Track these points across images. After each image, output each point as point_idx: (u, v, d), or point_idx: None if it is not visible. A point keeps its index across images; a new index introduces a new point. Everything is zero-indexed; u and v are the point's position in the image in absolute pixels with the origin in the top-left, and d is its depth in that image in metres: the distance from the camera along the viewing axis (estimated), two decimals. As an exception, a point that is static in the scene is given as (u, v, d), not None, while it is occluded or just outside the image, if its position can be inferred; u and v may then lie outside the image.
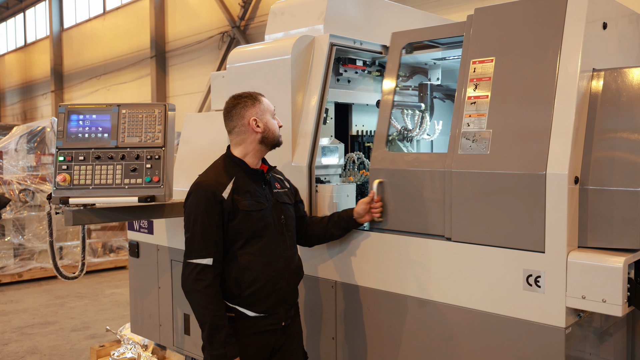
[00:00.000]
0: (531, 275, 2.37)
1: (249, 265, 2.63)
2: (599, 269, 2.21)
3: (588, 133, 2.38)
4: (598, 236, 2.33)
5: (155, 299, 4.29)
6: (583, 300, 2.25)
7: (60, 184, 3.35)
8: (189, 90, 14.56)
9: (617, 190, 2.27)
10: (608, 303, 2.20)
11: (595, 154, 2.35)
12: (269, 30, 3.77)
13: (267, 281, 2.65)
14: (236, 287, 2.64)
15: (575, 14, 2.37)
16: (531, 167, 2.34)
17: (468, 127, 2.57)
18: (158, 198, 3.37)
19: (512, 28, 2.54)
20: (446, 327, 2.65)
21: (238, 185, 2.67)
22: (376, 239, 2.92)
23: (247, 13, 12.72)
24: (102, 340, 6.01)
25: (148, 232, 4.30)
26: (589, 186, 2.34)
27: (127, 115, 3.45)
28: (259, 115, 2.75)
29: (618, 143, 2.31)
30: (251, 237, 2.65)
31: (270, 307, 2.68)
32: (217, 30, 13.59)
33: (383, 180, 2.88)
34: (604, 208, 2.31)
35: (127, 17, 18.02)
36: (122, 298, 7.78)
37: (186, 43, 14.56)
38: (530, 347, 2.38)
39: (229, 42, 13.16)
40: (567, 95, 2.31)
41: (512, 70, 2.50)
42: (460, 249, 2.57)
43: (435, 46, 3.25)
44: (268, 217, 2.69)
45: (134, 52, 17.27)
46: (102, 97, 19.44)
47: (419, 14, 4.08)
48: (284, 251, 2.73)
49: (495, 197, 2.45)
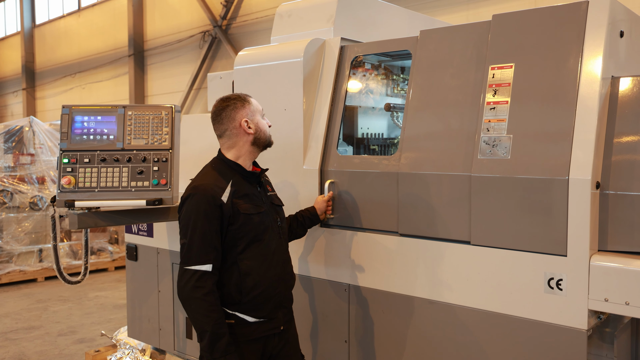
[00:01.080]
0: (553, 279, 2.41)
1: (250, 270, 2.58)
2: (622, 272, 2.26)
3: (607, 139, 2.43)
4: (618, 240, 2.38)
5: (154, 303, 4.24)
6: (605, 303, 2.30)
7: (64, 186, 3.29)
8: (169, 90, 14.40)
9: (638, 195, 2.32)
10: (631, 305, 2.25)
11: (614, 159, 2.40)
12: (275, 33, 3.75)
13: (268, 286, 2.62)
14: (237, 293, 2.57)
15: (596, 22, 2.41)
16: (554, 173, 2.38)
17: (487, 132, 2.60)
18: (165, 201, 3.33)
19: (531, 35, 2.58)
20: (467, 330, 2.68)
21: (236, 188, 2.62)
22: (393, 242, 2.93)
23: (229, 12, 12.63)
24: (92, 344, 5.91)
25: (148, 235, 4.24)
26: (610, 191, 2.39)
27: (133, 116, 3.40)
28: (250, 117, 2.71)
29: (638, 148, 2.36)
30: (252, 241, 2.60)
31: (270, 311, 2.65)
32: (198, 29, 13.46)
33: (334, 180, 3.15)
34: (624, 212, 2.36)
35: (103, 14, 17.72)
36: (107, 301, 7.65)
37: (166, 42, 14.39)
38: (552, 350, 2.42)
39: (211, 42, 13.05)
40: (590, 102, 2.36)
41: (532, 76, 2.53)
42: (481, 252, 2.60)
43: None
44: (267, 220, 2.67)
45: (110, 50, 16.99)
46: (77, 95, 19.08)
47: (420, 18, 4.11)
48: (282, 254, 2.73)
49: (516, 202, 2.48)
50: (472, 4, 8.80)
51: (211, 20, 13.05)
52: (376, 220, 3.01)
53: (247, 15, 12.29)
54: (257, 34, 12.07)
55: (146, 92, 15.51)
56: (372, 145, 3.78)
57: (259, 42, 12.07)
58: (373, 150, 3.78)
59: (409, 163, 2.85)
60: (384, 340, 3.01)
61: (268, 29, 11.95)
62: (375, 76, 3.74)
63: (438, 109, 2.82)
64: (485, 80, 2.66)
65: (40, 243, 9.20)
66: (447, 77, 2.82)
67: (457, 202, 2.68)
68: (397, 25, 3.88)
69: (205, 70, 13.49)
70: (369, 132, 3.84)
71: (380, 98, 3.86)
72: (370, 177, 3.02)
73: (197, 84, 13.67)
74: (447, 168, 2.72)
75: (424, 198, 2.80)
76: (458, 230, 2.69)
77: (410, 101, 2.92)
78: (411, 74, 2.96)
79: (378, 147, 3.82)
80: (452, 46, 2.85)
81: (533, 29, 2.58)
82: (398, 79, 3.86)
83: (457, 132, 2.73)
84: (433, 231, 2.77)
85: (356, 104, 3.71)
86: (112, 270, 9.58)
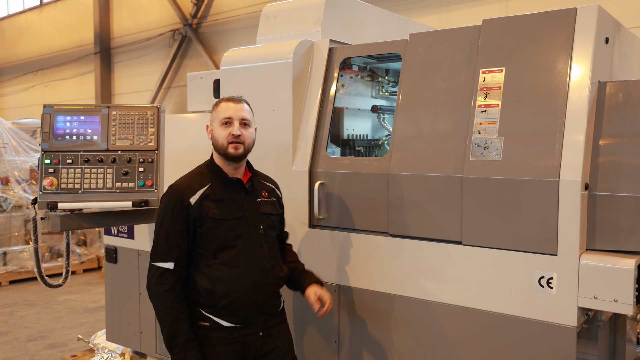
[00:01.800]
0: (543, 277, 2.47)
1: (222, 277, 2.56)
2: (611, 270, 2.34)
3: (595, 141, 2.51)
4: (606, 239, 2.46)
5: (135, 306, 4.17)
6: (595, 300, 2.37)
7: (47, 187, 3.22)
8: (137, 89, 14.17)
9: (625, 196, 2.41)
10: (619, 302, 2.33)
11: (602, 161, 2.48)
12: (261, 33, 3.74)
13: (242, 293, 2.56)
14: (209, 297, 2.56)
15: (585, 28, 2.49)
16: (545, 174, 2.44)
17: (479, 134, 2.65)
18: (152, 202, 3.29)
19: (521, 40, 2.64)
20: (458, 328, 2.73)
21: (212, 192, 2.60)
22: (383, 243, 2.96)
23: (200, 11, 12.51)
24: (64, 349, 5.77)
25: (128, 237, 4.18)
26: (597, 192, 2.47)
27: (118, 117, 3.35)
28: (211, 122, 2.69)
29: (625, 150, 2.45)
30: (222, 247, 2.57)
31: (247, 318, 2.61)
32: (168, 28, 13.29)
33: (324, 182, 3.14)
34: (612, 213, 2.44)
35: (67, 10, 17.32)
36: (78, 305, 7.49)
37: (134, 40, 14.16)
38: (543, 346, 2.49)
39: (181, 40, 12.90)
40: (579, 105, 2.43)
41: (523, 80, 2.60)
42: (473, 252, 2.65)
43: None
44: (242, 227, 2.60)
45: (75, 48, 16.61)
46: (39, 93, 18.59)
47: (402, 20, 4.15)
48: (261, 262, 2.62)
49: (508, 203, 2.54)
50: (444, 7, 8.93)
51: (181, 18, 12.91)
52: (366, 221, 3.03)
53: (218, 14, 12.20)
54: (228, 33, 11.99)
55: (113, 90, 15.23)
56: (358, 147, 3.81)
57: (230, 41, 12.00)
58: (358, 152, 3.81)
59: (400, 164, 2.89)
60: (374, 340, 3.04)
61: (240, 28, 11.95)
62: (362, 78, 3.77)
63: (429, 111, 2.86)
64: (476, 84, 2.71)
65: (5, 246, 8.94)
66: (438, 79, 2.87)
67: (449, 203, 2.73)
68: (379, 27, 3.91)
69: (175, 69, 13.33)
70: (354, 133, 3.86)
71: (365, 100, 3.89)
72: (360, 178, 3.04)
73: (166, 83, 13.49)
74: (439, 169, 2.76)
75: (415, 199, 2.83)
76: (449, 230, 2.73)
77: (401, 103, 2.95)
78: (401, 76, 3.00)
79: (363, 148, 3.85)
80: (442, 49, 2.90)
81: (523, 34, 2.65)
82: (383, 81, 3.90)
83: (447, 134, 2.78)
84: (424, 232, 2.81)
85: (342, 106, 3.73)
86: (81, 273, 9.38)
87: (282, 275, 2.75)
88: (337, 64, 3.28)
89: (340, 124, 3.75)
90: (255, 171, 2.80)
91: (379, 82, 3.92)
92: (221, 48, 12.26)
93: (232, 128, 2.58)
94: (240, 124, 2.60)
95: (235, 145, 2.57)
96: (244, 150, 2.61)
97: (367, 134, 3.98)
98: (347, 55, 3.29)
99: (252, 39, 13.94)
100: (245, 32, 11.51)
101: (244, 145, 2.60)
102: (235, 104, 2.63)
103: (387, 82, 3.92)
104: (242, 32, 11.62)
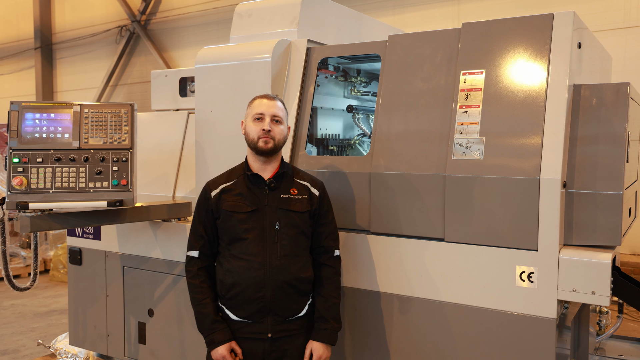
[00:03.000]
0: (524, 272, 2.58)
1: (231, 268, 2.65)
2: (589, 264, 2.46)
3: (571, 141, 2.64)
4: (582, 235, 2.59)
5: (102, 309, 4.06)
6: (574, 293, 2.50)
7: (15, 187, 3.09)
8: (82, 86, 13.70)
9: (600, 193, 2.54)
10: (597, 294, 2.46)
11: (578, 161, 2.61)
12: (234, 32, 3.71)
13: (246, 287, 2.60)
14: (221, 287, 2.69)
15: (562, 34, 2.61)
16: (526, 173, 2.55)
17: (460, 134, 2.74)
18: (126, 202, 3.22)
19: (501, 43, 2.74)
20: (441, 323, 2.80)
21: (235, 186, 2.70)
22: (365, 241, 3.00)
23: (149, 7, 12.22)
24: (17, 356, 5.53)
25: (94, 238, 4.06)
26: (574, 189, 2.59)
27: (90, 115, 3.26)
28: (245, 118, 2.77)
29: (600, 150, 2.58)
30: (233, 238, 2.66)
31: (253, 314, 2.62)
32: (115, 24, 12.91)
33: None
34: (588, 209, 2.57)
35: (4, 3, 16.53)
36: (26, 309, 7.18)
37: (78, 35, 13.67)
38: (524, 338, 2.59)
39: (129, 37, 12.56)
40: (558, 107, 2.55)
41: (503, 82, 2.70)
42: (455, 249, 2.73)
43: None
44: (255, 221, 2.63)
45: (13, 42, 15.89)
46: (-27, 89, 17.66)
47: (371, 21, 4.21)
48: (270, 259, 2.60)
49: (490, 200, 2.63)
50: (397, 9, 9.09)
51: (129, 14, 12.57)
52: (347, 219, 3.07)
53: (168, 11, 11.96)
54: (179, 30, 11.77)
55: (55, 87, 14.66)
56: (331, 146, 3.84)
57: (181, 39, 11.79)
58: (332, 151, 3.85)
59: (382, 164, 2.94)
60: (358, 337, 3.08)
61: (191, 26, 11.76)
62: (336, 78, 3.81)
63: (410, 111, 2.92)
64: (456, 85, 2.80)
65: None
66: (418, 80, 2.93)
67: (430, 202, 2.79)
68: (350, 28, 3.95)
69: (123, 67, 12.98)
70: (327, 132, 3.89)
71: (337, 99, 3.93)
72: (341, 177, 3.07)
73: (113, 80, 13.11)
74: (421, 168, 2.82)
75: (397, 197, 2.89)
76: (432, 228, 2.80)
77: (382, 103, 3.00)
78: (381, 77, 3.05)
79: (336, 147, 3.89)
80: (421, 51, 2.97)
81: (502, 38, 2.75)
82: (356, 81, 3.95)
83: (428, 134, 2.84)
84: (405, 229, 2.87)
85: (317, 105, 3.76)
86: (26, 277, 8.99)
87: (303, 277, 2.66)
88: (315, 64, 3.30)
89: (314, 123, 3.78)
90: (292, 169, 2.79)
91: (351, 83, 3.96)
92: (171, 45, 12.03)
93: (263, 123, 2.65)
94: (271, 120, 2.67)
95: (265, 140, 2.63)
96: (273, 146, 2.65)
97: (338, 134, 4.02)
98: (325, 55, 3.31)
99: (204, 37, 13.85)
100: (197, 30, 11.34)
101: (274, 141, 2.65)
102: (269, 101, 2.70)
103: (359, 82, 3.97)
104: (194, 30, 11.44)
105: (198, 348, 3.63)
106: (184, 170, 4.07)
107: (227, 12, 10.76)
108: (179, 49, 11.84)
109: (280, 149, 2.72)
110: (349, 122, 4.10)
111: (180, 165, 4.07)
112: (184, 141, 4.13)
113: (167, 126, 4.27)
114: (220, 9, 10.79)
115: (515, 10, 7.93)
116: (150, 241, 3.79)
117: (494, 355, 2.67)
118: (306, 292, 2.71)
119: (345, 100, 3.98)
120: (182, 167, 4.07)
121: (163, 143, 4.17)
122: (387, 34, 3.13)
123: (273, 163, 2.71)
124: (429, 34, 3.00)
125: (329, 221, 2.79)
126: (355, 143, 3.99)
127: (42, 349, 4.89)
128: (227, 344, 2.62)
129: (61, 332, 5.65)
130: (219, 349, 2.62)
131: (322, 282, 2.73)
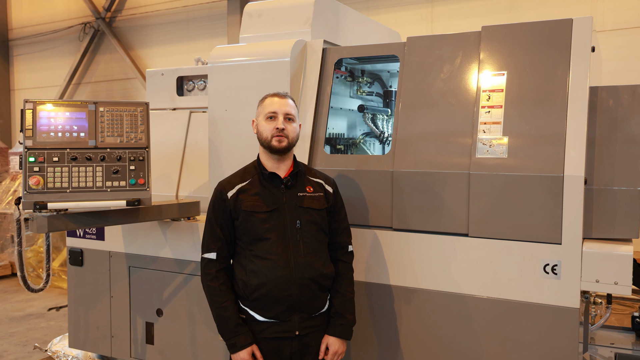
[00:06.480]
0: (548, 265, 2.71)
1: (255, 269, 2.61)
2: (612, 256, 2.61)
3: (589, 140, 2.79)
4: (602, 228, 2.74)
5: (105, 310, 4.00)
6: (597, 284, 2.64)
7: (33, 187, 3.03)
8: (42, 84, 13.26)
9: (619, 189, 2.70)
10: (620, 285, 2.61)
11: (597, 159, 2.76)
12: (245, 32, 3.73)
13: (273, 287, 2.58)
14: (244, 289, 2.64)
15: (581, 38, 2.75)
16: (550, 170, 2.68)
17: (484, 133, 2.85)
18: (144, 201, 3.21)
19: (522, 46, 2.87)
20: (466, 316, 2.90)
21: (251, 186, 2.67)
22: (387, 237, 3.08)
23: (114, 4, 11.94)
24: (1, 361, 5.36)
25: (97, 239, 4.00)
26: (594, 186, 2.74)
27: (106, 113, 3.23)
28: (256, 117, 2.77)
29: (617, 149, 2.74)
30: (255, 239, 2.63)
31: (280, 313, 2.61)
32: (78, 20, 12.55)
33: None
34: (607, 204, 2.72)
35: (-46, -3, 15.86)
36: (1, 314, 6.94)
37: (37, 31, 13.23)
38: (548, 328, 2.72)
39: (93, 34, 12.24)
40: (579, 107, 2.69)
41: (524, 83, 2.82)
42: (480, 244, 2.84)
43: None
44: (275, 220, 2.63)
45: (-35, 38, 15.25)
46: None
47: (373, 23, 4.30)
48: (294, 257, 2.61)
49: (514, 197, 2.75)
50: (371, 10, 9.22)
51: (93, 11, 12.25)
52: (368, 216, 3.13)
53: (134, 9, 11.71)
54: (147, 28, 11.55)
55: (12, 85, 14.14)
56: (339, 145, 3.90)
57: (149, 37, 11.57)
58: (339, 150, 3.91)
59: (404, 162, 3.02)
60: (382, 332, 3.15)
61: (159, 24, 11.55)
62: (345, 79, 3.87)
63: (431, 111, 3.01)
64: (478, 86, 2.91)
65: None
66: (439, 81, 3.03)
67: (454, 199, 2.89)
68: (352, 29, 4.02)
69: (87, 65, 12.63)
70: (334, 132, 3.95)
71: (344, 99, 3.99)
72: (363, 175, 3.13)
73: (76, 78, 12.74)
74: (444, 166, 2.92)
75: (420, 195, 2.97)
76: (455, 223, 2.90)
77: (402, 103, 3.08)
78: (400, 77, 3.13)
79: (342, 146, 3.96)
80: (440, 53, 3.07)
81: (523, 41, 2.87)
82: (362, 81, 4.02)
83: (450, 133, 2.94)
84: (429, 225, 2.96)
85: (328, 105, 3.81)
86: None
87: (326, 273, 2.69)
88: (332, 65, 3.35)
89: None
90: (303, 167, 2.79)
91: (358, 83, 4.03)
92: (139, 44, 11.79)
93: (277, 122, 2.64)
94: (284, 118, 2.65)
95: (279, 139, 2.62)
96: (287, 144, 2.64)
97: (343, 133, 4.08)
98: (342, 56, 3.37)
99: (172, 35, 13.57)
100: (165, 29, 11.16)
101: (287, 139, 2.64)
102: (281, 99, 2.68)
103: (365, 82, 4.05)
104: (162, 28, 11.25)
105: (210, 347, 3.63)
106: (186, 170, 4.05)
107: (197, 11, 10.64)
108: (147, 47, 11.62)
109: (293, 147, 2.71)
110: (353, 122, 4.17)
111: (183, 165, 4.05)
112: (186, 140, 4.11)
113: (167, 125, 4.24)
114: (190, 7, 10.65)
115: (486, 12, 8.16)
116: (159, 240, 3.76)
117: (519, 344, 2.79)
118: (327, 288, 2.74)
119: (351, 100, 4.05)
120: (185, 166, 4.05)
121: (163, 142, 4.14)
122: (386, 35, 3.23)
123: (286, 161, 2.72)
124: (448, 37, 3.10)
125: (342, 217, 2.84)
126: (360, 142, 4.06)
127: (28, 353, 4.76)
128: (249, 347, 2.60)
129: (42, 336, 5.51)
130: (240, 352, 2.60)
131: (337, 277, 2.76)
